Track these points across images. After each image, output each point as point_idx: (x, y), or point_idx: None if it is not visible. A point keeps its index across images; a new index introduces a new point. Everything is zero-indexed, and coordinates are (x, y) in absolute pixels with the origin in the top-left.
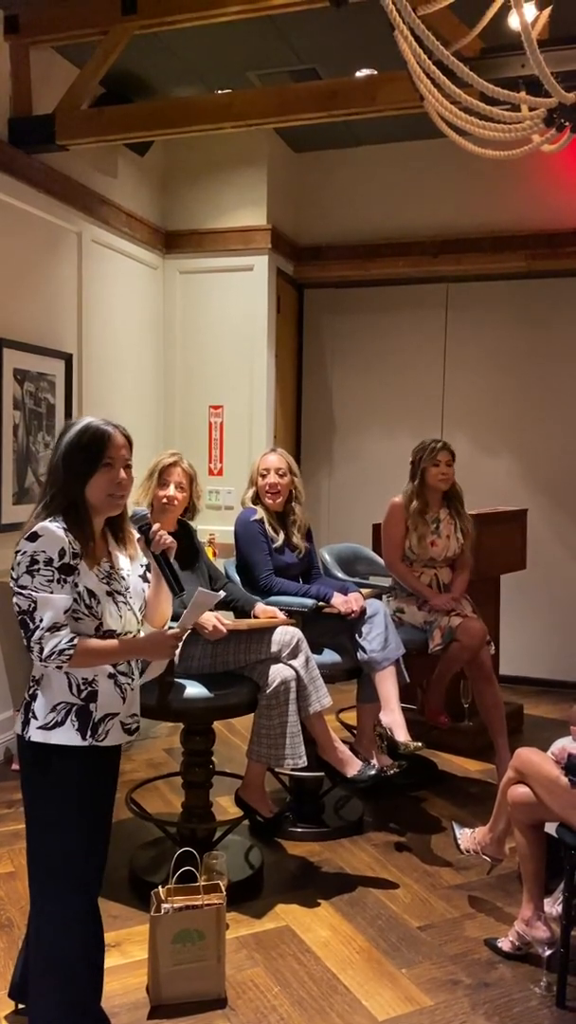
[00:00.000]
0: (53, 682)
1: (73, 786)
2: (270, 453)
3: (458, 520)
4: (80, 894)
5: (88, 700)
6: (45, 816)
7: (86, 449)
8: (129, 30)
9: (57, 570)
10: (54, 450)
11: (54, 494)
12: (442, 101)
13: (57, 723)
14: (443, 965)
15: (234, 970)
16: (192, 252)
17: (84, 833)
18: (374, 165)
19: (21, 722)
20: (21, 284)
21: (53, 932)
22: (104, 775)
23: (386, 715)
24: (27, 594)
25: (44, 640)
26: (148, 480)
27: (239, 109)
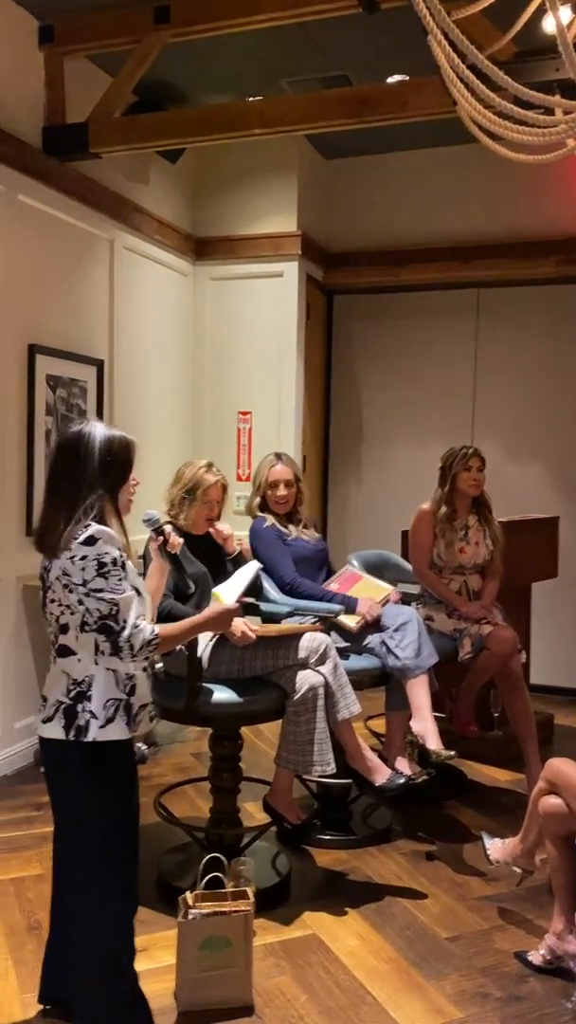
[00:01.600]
0: (103, 680)
1: (128, 779)
2: (277, 463)
3: (487, 527)
4: (132, 890)
5: (130, 693)
6: (103, 815)
7: (119, 456)
8: (162, 38)
9: (121, 568)
10: (78, 459)
11: (92, 501)
12: (475, 106)
13: (109, 720)
14: (473, 977)
15: (261, 978)
16: (222, 259)
17: (135, 827)
18: (404, 171)
19: (63, 727)
20: (54, 291)
21: (109, 933)
22: (134, 765)
23: (418, 723)
24: (107, 596)
25: (133, 638)
26: (188, 495)
27: (270, 116)
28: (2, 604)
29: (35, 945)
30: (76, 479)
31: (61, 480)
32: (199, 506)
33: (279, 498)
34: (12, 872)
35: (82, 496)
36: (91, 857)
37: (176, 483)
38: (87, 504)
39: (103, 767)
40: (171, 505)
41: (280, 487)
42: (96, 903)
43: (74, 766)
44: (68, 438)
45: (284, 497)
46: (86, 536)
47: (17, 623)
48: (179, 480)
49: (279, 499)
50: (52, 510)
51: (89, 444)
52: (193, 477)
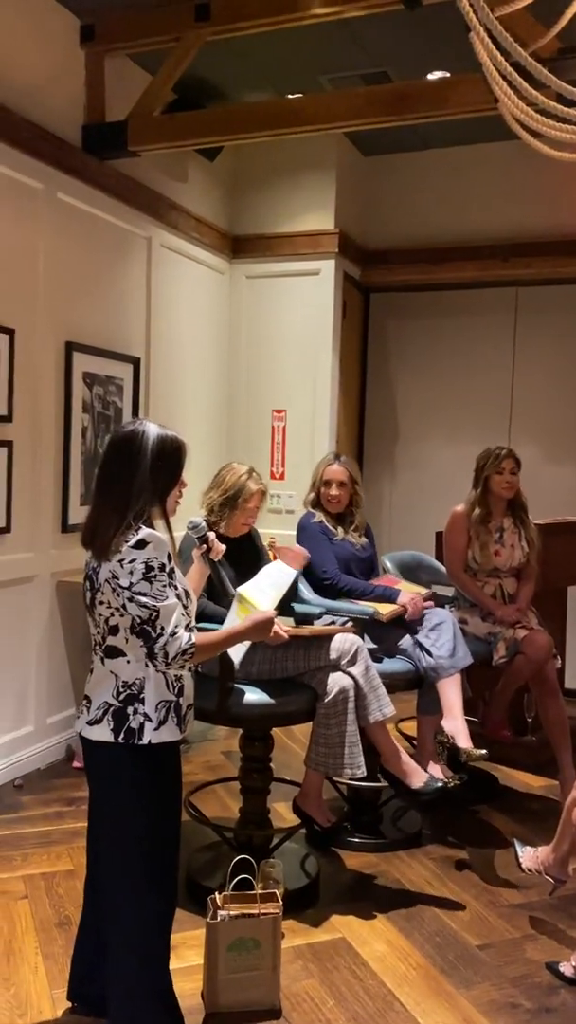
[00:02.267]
0: (153, 683)
1: (175, 781)
2: (335, 463)
3: (523, 529)
4: (172, 893)
5: (179, 694)
6: (150, 817)
7: (173, 458)
8: (202, 36)
9: (167, 575)
10: (130, 460)
11: (143, 506)
12: (517, 103)
13: (162, 722)
14: (503, 987)
15: (289, 980)
16: (259, 257)
17: (178, 829)
18: (443, 168)
19: (112, 729)
20: (92, 289)
21: (148, 936)
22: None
23: (448, 722)
24: (148, 603)
25: (168, 646)
26: (228, 502)
27: (310, 113)
28: (37, 600)
29: (64, 940)
30: (127, 482)
31: (112, 482)
32: (239, 513)
33: (331, 497)
34: (43, 867)
35: (133, 500)
36: (134, 859)
37: (216, 487)
38: (137, 509)
39: (154, 769)
40: (210, 511)
41: (333, 486)
42: (136, 905)
43: (124, 768)
44: (120, 438)
45: (336, 496)
46: (137, 540)
47: (51, 619)
48: (219, 485)
49: (331, 498)
50: (103, 512)
51: (141, 446)
52: (235, 484)
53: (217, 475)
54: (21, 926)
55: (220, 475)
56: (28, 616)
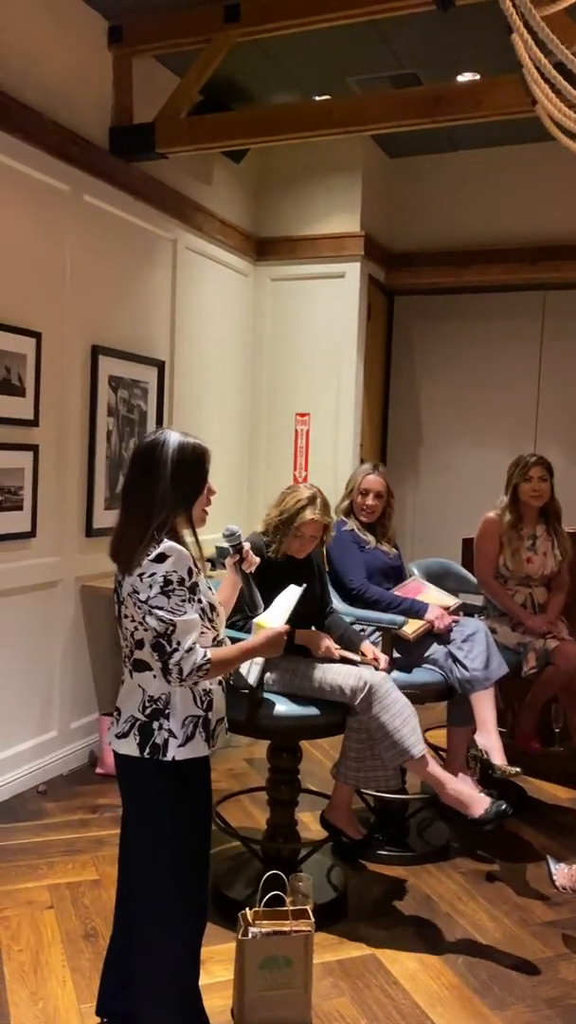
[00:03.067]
0: (180, 698)
1: (204, 797)
2: (372, 472)
3: (556, 538)
4: (202, 908)
5: (207, 709)
6: (177, 832)
7: (195, 467)
8: (231, 38)
9: (188, 589)
10: (152, 470)
11: (165, 518)
12: (558, 105)
13: (189, 738)
14: (538, 1009)
15: (320, 998)
16: (284, 259)
17: (207, 844)
18: (470, 170)
19: (138, 744)
20: (118, 292)
21: (177, 952)
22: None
23: (482, 737)
24: (165, 617)
25: (183, 661)
26: (283, 525)
27: (340, 116)
28: (62, 604)
29: (92, 953)
30: (149, 494)
31: (135, 493)
32: (292, 539)
33: (367, 507)
34: (69, 876)
35: (155, 512)
36: (163, 874)
37: (276, 506)
38: (160, 521)
39: (181, 785)
40: (265, 530)
41: (370, 496)
42: (165, 921)
43: (150, 783)
44: (142, 448)
45: (372, 507)
46: (157, 553)
47: (76, 623)
48: (279, 504)
49: (367, 507)
50: (127, 524)
51: (162, 456)
52: (292, 509)
53: (281, 494)
54: (47, 937)
55: (283, 495)
56: (53, 621)
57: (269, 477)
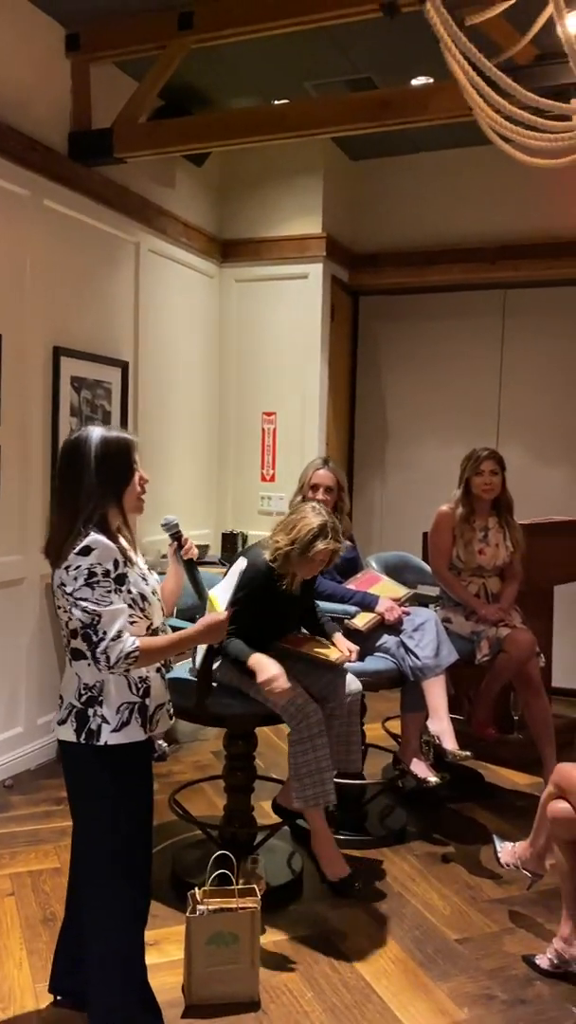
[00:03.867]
0: (114, 685)
1: (142, 780)
2: (323, 468)
3: (507, 529)
4: (146, 889)
5: (144, 696)
6: (117, 815)
7: (117, 459)
8: (186, 45)
9: (113, 580)
10: (76, 467)
11: (93, 508)
12: (487, 111)
13: (124, 723)
14: (479, 979)
15: (269, 974)
16: (248, 261)
17: (149, 826)
18: (431, 172)
19: (75, 730)
20: (79, 294)
21: (122, 932)
22: (150, 763)
23: (434, 723)
24: (89, 607)
25: (110, 649)
26: (296, 553)
27: (294, 120)
28: (26, 603)
29: (49, 936)
30: (76, 489)
31: (63, 490)
32: (303, 566)
33: (317, 501)
34: (30, 865)
35: (82, 506)
36: (105, 856)
37: (284, 531)
38: (87, 514)
39: (118, 769)
40: (273, 555)
41: (320, 491)
42: (110, 902)
43: (87, 767)
44: (66, 446)
45: (322, 501)
46: (82, 546)
47: (40, 621)
48: (288, 530)
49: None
50: (57, 520)
51: (85, 451)
52: (304, 540)
53: (289, 517)
54: (7, 923)
55: (292, 520)
56: (18, 618)
57: (238, 475)
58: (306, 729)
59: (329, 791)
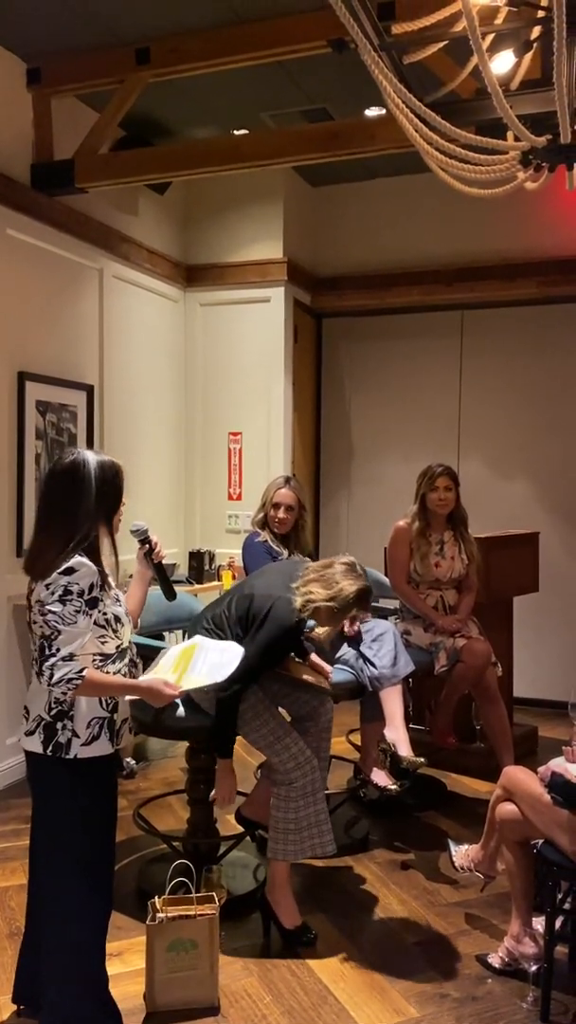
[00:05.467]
0: (85, 701)
1: (106, 792)
2: (284, 487)
3: (462, 543)
4: (106, 897)
5: (113, 711)
6: (81, 825)
7: (113, 484)
8: (143, 79)
9: (85, 602)
10: (75, 489)
11: (88, 530)
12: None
13: (94, 737)
14: (433, 979)
15: (229, 980)
16: (212, 285)
17: (112, 836)
18: (388, 197)
19: (42, 742)
20: (43, 319)
21: (81, 940)
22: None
23: (390, 731)
24: (52, 621)
25: (56, 667)
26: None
27: (248, 150)
28: None
29: (14, 950)
30: (73, 510)
31: (58, 511)
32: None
33: (278, 519)
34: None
35: (79, 526)
36: (69, 866)
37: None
38: (82, 534)
39: (84, 781)
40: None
41: (281, 509)
42: (70, 909)
43: (53, 779)
44: (62, 469)
45: (283, 519)
46: (66, 566)
47: (8, 642)
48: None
49: (278, 520)
50: (47, 538)
51: (85, 475)
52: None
53: (327, 571)
54: None
55: (330, 575)
56: None
57: (205, 494)
58: (311, 784)
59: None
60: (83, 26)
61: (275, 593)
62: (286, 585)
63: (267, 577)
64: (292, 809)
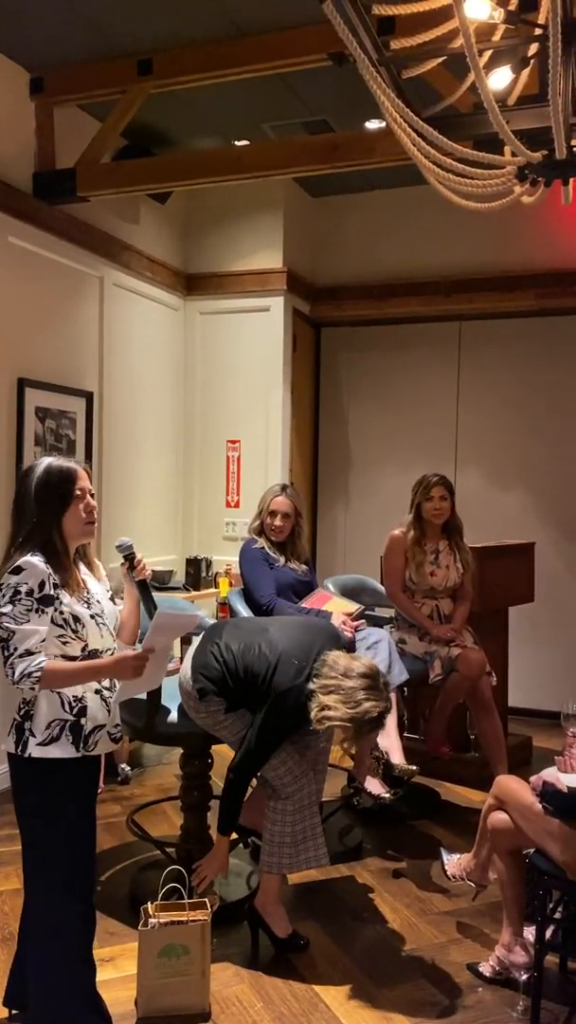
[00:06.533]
0: (46, 702)
1: (68, 794)
2: (281, 494)
3: (457, 552)
4: (76, 894)
5: (79, 715)
6: (49, 827)
7: (57, 487)
8: (145, 89)
9: (37, 600)
10: (21, 491)
11: (30, 531)
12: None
13: (53, 739)
14: (424, 987)
15: (220, 986)
16: (212, 294)
17: (87, 841)
18: (388, 208)
19: (14, 742)
20: (44, 327)
21: (62, 933)
22: (91, 781)
23: (383, 739)
24: (4, 622)
25: (15, 664)
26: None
27: (248, 161)
28: None
29: (7, 955)
30: (19, 513)
31: (12, 515)
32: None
33: (275, 527)
34: None
35: (22, 528)
36: (39, 867)
37: (342, 700)
38: (24, 535)
39: (48, 783)
40: (319, 719)
41: (278, 517)
42: (48, 906)
43: (23, 780)
44: (20, 474)
45: (280, 527)
46: (14, 566)
47: None
48: (347, 702)
49: (275, 528)
50: (7, 543)
51: (30, 479)
52: (360, 722)
53: (344, 680)
54: None
55: (346, 688)
56: None
57: (203, 501)
58: (307, 798)
59: (300, 861)
60: (86, 37)
61: (293, 682)
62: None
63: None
64: (288, 823)
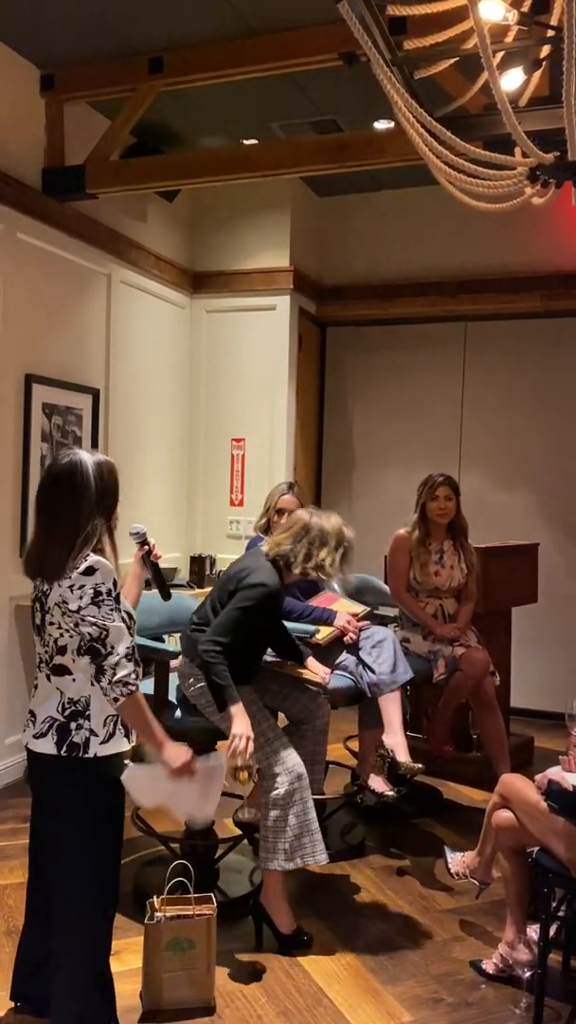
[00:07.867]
0: (98, 700)
1: (120, 788)
2: (287, 492)
3: (462, 552)
4: (116, 892)
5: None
6: (94, 823)
7: (111, 481)
8: (155, 87)
9: (114, 600)
10: (76, 490)
11: (90, 531)
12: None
13: (111, 735)
14: (427, 984)
15: (224, 980)
16: (218, 292)
17: (121, 833)
18: (394, 208)
19: (56, 743)
20: (51, 323)
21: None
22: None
23: (389, 737)
24: (97, 623)
25: (120, 666)
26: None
27: (260, 160)
28: None
29: (12, 948)
30: (74, 509)
31: (59, 512)
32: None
33: (281, 525)
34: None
35: (82, 525)
36: (82, 867)
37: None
38: (87, 532)
39: (100, 780)
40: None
41: (284, 515)
42: (84, 904)
43: (67, 779)
44: (61, 470)
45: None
46: (86, 567)
47: (9, 642)
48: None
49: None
50: (51, 539)
51: (84, 475)
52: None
53: (311, 533)
54: None
55: (321, 528)
56: None
57: (207, 499)
58: (298, 792)
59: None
60: (97, 35)
61: (250, 564)
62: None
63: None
64: (281, 817)
